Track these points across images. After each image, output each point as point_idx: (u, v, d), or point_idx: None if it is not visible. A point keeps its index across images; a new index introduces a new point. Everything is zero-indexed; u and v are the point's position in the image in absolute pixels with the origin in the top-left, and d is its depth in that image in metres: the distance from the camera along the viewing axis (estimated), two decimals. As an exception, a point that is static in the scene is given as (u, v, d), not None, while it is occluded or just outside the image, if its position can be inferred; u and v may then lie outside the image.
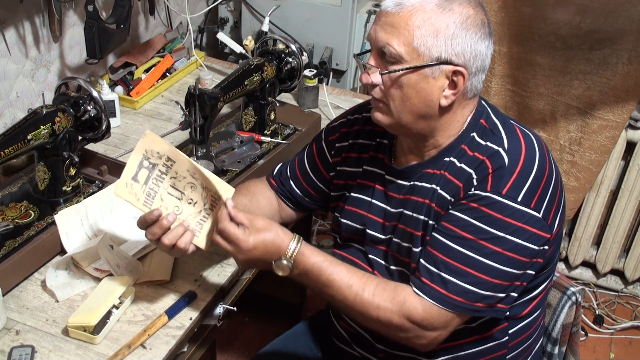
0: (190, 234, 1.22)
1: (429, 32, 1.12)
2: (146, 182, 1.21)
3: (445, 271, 1.16)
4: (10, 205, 1.49)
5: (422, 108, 1.18)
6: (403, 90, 1.17)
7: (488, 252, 1.14)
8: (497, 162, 1.16)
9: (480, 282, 1.15)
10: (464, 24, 1.12)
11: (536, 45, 2.26)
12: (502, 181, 1.14)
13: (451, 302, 1.16)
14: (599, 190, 2.45)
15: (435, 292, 1.16)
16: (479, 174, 1.17)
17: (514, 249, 1.14)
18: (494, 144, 1.19)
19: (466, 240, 1.15)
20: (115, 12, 1.81)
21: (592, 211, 2.51)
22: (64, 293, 1.35)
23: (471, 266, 1.15)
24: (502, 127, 1.22)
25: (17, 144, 1.36)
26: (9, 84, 1.74)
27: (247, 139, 1.77)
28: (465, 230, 1.15)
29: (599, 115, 2.28)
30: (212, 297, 1.37)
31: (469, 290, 1.15)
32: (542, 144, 1.21)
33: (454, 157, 1.22)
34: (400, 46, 1.14)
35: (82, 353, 1.23)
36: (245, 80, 1.69)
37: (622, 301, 2.63)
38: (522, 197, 1.14)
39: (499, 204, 1.14)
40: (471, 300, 1.16)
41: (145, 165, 1.20)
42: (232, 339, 2.36)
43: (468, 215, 1.15)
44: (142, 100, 2.03)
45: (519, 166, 1.16)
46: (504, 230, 1.13)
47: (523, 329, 1.31)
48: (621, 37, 2.14)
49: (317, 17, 2.30)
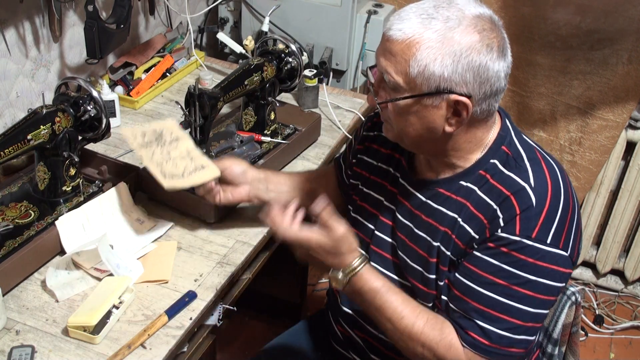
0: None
1: (426, 63, 1.08)
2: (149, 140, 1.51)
3: (480, 319, 1.15)
4: (10, 205, 1.49)
5: (425, 134, 1.16)
6: (404, 117, 1.15)
7: (521, 296, 1.13)
8: (525, 202, 1.13)
9: (514, 327, 1.14)
10: (465, 53, 1.07)
11: (536, 45, 2.26)
12: (531, 224, 1.12)
13: (490, 350, 1.16)
14: (599, 190, 2.46)
15: (477, 343, 1.16)
16: (505, 213, 1.14)
17: (545, 290, 1.13)
18: (519, 178, 1.15)
19: (498, 286, 1.13)
20: (115, 12, 1.81)
21: (592, 211, 2.51)
22: (64, 293, 1.35)
23: (505, 313, 1.14)
24: (526, 157, 1.18)
25: (17, 144, 1.36)
26: (9, 84, 1.74)
27: (247, 139, 1.77)
28: (496, 275, 1.13)
29: (599, 115, 2.28)
30: (212, 297, 1.37)
31: (503, 335, 1.15)
32: (564, 175, 1.19)
33: (473, 184, 1.18)
34: (397, 75, 1.11)
35: (82, 353, 1.23)
36: (245, 80, 1.69)
37: (622, 301, 2.64)
38: (551, 239, 1.12)
39: (530, 248, 1.11)
40: (505, 346, 1.15)
41: (156, 134, 1.52)
42: (232, 339, 2.36)
43: (498, 261, 1.13)
44: (142, 100, 2.03)
45: (547, 206, 1.13)
46: (536, 274, 1.12)
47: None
48: (621, 37, 2.14)
49: (317, 17, 2.30)
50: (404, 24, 1.09)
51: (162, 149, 1.49)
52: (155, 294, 1.37)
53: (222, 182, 1.48)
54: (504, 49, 1.12)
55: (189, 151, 1.50)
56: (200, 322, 1.35)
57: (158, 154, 1.48)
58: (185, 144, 1.51)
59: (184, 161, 1.48)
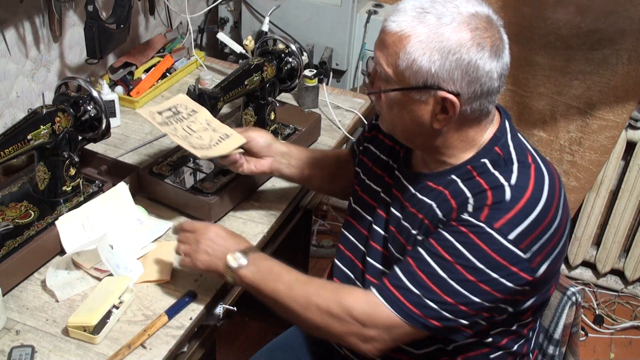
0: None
1: (415, 57, 1.08)
2: (167, 118, 1.48)
3: (412, 282, 1.13)
4: (10, 205, 1.49)
5: (415, 128, 1.17)
6: (394, 110, 1.16)
7: (461, 278, 1.11)
8: (499, 197, 1.11)
9: (444, 302, 1.12)
10: (453, 50, 1.07)
11: (536, 45, 2.26)
12: (498, 215, 1.10)
13: (405, 309, 1.13)
14: (599, 190, 2.46)
15: (392, 295, 1.14)
16: (476, 202, 1.13)
17: (488, 282, 1.10)
18: (502, 177, 1.14)
19: (444, 261, 1.12)
20: (115, 12, 1.81)
21: (592, 211, 2.51)
22: (64, 293, 1.35)
23: (440, 286, 1.12)
24: (516, 158, 1.16)
25: (17, 144, 1.36)
26: (9, 84, 1.74)
27: (247, 139, 1.77)
28: (447, 250, 1.11)
29: (599, 115, 2.28)
30: (212, 297, 1.37)
31: (429, 306, 1.12)
32: (555, 185, 1.15)
33: (458, 177, 1.18)
34: (388, 67, 1.12)
35: (82, 353, 1.23)
36: (245, 80, 1.69)
37: (622, 301, 2.64)
38: (514, 236, 1.09)
39: (488, 236, 1.09)
40: (428, 317, 1.12)
41: (172, 110, 1.50)
42: (232, 339, 2.36)
43: (454, 238, 1.11)
44: (142, 100, 2.03)
45: (520, 205, 1.10)
46: (484, 263, 1.09)
47: (503, 356, 1.28)
48: (621, 37, 2.14)
49: (317, 17, 2.30)
50: (399, 17, 1.10)
51: (182, 123, 1.49)
52: (155, 294, 1.37)
53: (246, 153, 1.50)
54: (499, 49, 1.10)
55: (208, 122, 1.51)
56: (200, 322, 1.35)
57: (180, 129, 1.47)
58: (203, 115, 1.52)
59: (207, 132, 1.48)
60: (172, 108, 1.50)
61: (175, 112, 1.50)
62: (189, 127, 1.48)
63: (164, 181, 1.60)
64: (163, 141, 1.87)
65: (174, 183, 1.60)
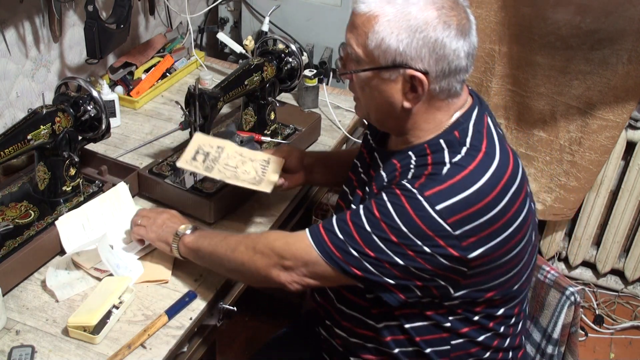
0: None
1: (383, 36, 1.12)
2: (204, 162, 1.49)
3: (340, 229, 1.17)
4: (10, 205, 1.49)
5: (386, 108, 1.20)
6: (366, 90, 1.20)
7: (384, 236, 1.14)
8: (436, 170, 1.15)
9: (365, 254, 1.15)
10: (420, 28, 1.10)
11: (536, 45, 2.26)
12: (430, 185, 1.13)
13: (326, 248, 1.17)
14: (599, 190, 2.46)
15: (319, 235, 1.19)
16: (416, 171, 1.17)
17: (414, 249, 1.12)
18: (447, 156, 1.17)
19: (372, 216, 1.15)
20: (115, 12, 1.81)
21: (592, 211, 2.51)
22: (64, 293, 1.35)
23: (363, 239, 1.15)
24: (469, 143, 1.18)
25: (17, 144, 1.36)
26: (9, 84, 1.74)
27: (247, 139, 1.77)
28: (378, 209, 1.15)
29: (599, 115, 2.28)
30: (212, 297, 1.37)
31: (351, 253, 1.16)
32: (502, 175, 1.16)
33: (413, 153, 1.22)
34: (358, 47, 1.16)
35: (82, 353, 1.24)
36: (245, 80, 1.69)
37: (622, 301, 2.64)
38: (440, 207, 1.11)
39: (417, 203, 1.12)
40: (348, 262, 1.16)
41: (199, 152, 1.50)
42: (232, 339, 2.36)
43: (388, 198, 1.15)
44: (142, 100, 2.03)
45: (453, 180, 1.13)
46: (408, 228, 1.12)
47: (466, 345, 1.29)
48: (621, 37, 2.14)
49: (317, 17, 2.30)
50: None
51: (219, 164, 1.50)
52: (155, 294, 1.37)
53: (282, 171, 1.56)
54: (465, 28, 1.14)
55: (239, 153, 1.55)
56: (200, 322, 1.35)
57: (222, 169, 1.49)
58: (231, 147, 1.55)
59: (247, 165, 1.53)
60: (199, 151, 1.50)
61: (205, 154, 1.50)
62: (227, 165, 1.50)
63: (164, 181, 1.60)
64: (163, 141, 1.87)
65: (174, 183, 1.60)
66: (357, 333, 1.34)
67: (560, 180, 2.41)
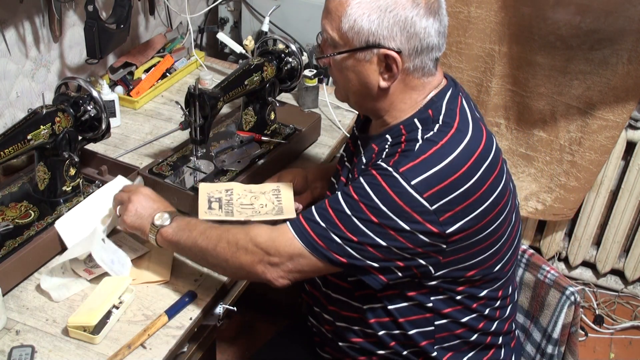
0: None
1: (355, 18, 1.16)
2: (220, 208, 1.49)
3: (321, 216, 1.19)
4: (10, 205, 1.49)
5: (364, 90, 1.23)
6: (343, 73, 1.23)
7: (365, 217, 1.15)
8: (409, 147, 1.18)
9: (348, 239, 1.16)
10: (390, 8, 1.14)
11: (536, 45, 2.26)
12: (404, 161, 1.15)
13: (309, 239, 1.18)
14: (599, 190, 2.46)
15: (300, 226, 1.20)
16: (391, 149, 1.21)
17: (394, 227, 1.14)
18: (420, 133, 1.20)
19: (351, 199, 1.17)
20: (115, 12, 1.81)
21: (592, 211, 2.51)
22: (60, 294, 1.34)
23: (344, 223, 1.17)
24: (442, 120, 1.21)
25: (17, 144, 1.37)
26: (9, 84, 1.74)
27: (247, 139, 1.77)
28: (356, 191, 1.17)
29: (599, 115, 2.28)
30: (212, 297, 1.37)
31: (334, 240, 1.17)
32: (474, 150, 1.18)
33: (390, 135, 1.24)
34: (333, 32, 1.21)
35: (82, 353, 1.24)
36: (245, 80, 1.69)
37: (622, 301, 2.64)
38: (416, 182, 1.13)
39: (393, 180, 1.14)
40: (332, 250, 1.18)
41: (212, 201, 1.50)
42: (232, 339, 2.36)
43: (365, 180, 1.17)
44: (142, 100, 2.03)
45: (426, 155, 1.16)
46: (387, 206, 1.14)
47: (450, 325, 1.31)
48: (621, 37, 2.14)
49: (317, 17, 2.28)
50: None
51: (234, 206, 1.51)
52: (155, 294, 1.37)
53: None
54: (433, 7, 1.17)
55: (249, 190, 1.56)
56: (200, 322, 1.35)
57: (242, 210, 1.50)
58: (239, 187, 1.56)
59: (261, 199, 1.54)
60: (211, 199, 1.51)
61: (218, 200, 1.51)
62: (243, 204, 1.51)
63: (164, 181, 1.60)
64: (163, 141, 1.87)
65: (174, 183, 1.60)
66: (343, 316, 1.36)
67: (560, 180, 2.41)
